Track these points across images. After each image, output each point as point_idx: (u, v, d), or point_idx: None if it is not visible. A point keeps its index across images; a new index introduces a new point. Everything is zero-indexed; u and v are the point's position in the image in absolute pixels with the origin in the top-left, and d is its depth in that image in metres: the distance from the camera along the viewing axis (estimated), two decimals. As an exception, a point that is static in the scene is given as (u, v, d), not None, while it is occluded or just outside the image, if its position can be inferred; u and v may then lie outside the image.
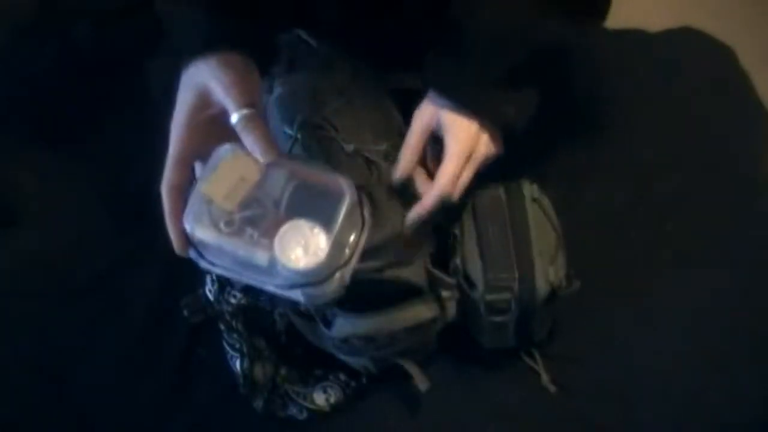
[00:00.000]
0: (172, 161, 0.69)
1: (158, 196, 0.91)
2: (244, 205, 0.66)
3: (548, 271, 0.83)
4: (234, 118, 0.66)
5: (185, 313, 0.92)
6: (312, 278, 0.64)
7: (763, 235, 0.95)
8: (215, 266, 0.67)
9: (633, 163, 1.00)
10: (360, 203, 0.67)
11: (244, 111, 0.66)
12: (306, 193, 0.67)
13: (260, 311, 0.90)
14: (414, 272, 0.80)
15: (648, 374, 0.89)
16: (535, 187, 0.88)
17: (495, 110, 0.79)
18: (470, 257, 0.84)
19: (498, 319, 0.84)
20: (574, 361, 0.92)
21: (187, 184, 0.69)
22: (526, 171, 0.90)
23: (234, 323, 0.90)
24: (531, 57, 0.78)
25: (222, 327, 0.92)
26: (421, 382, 0.88)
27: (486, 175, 0.83)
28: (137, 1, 1.03)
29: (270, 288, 0.66)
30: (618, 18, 0.88)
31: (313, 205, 0.66)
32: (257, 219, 0.66)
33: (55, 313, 0.96)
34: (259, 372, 0.90)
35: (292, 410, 0.91)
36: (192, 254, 0.68)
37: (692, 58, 1.06)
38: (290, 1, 0.83)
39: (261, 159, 0.66)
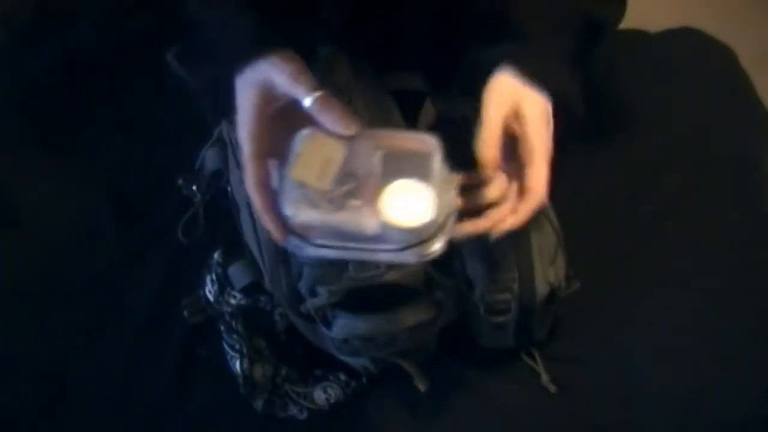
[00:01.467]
0: (251, 159, 0.68)
1: (158, 195, 0.92)
2: (339, 181, 0.66)
3: (548, 272, 0.83)
4: (308, 101, 0.66)
5: (185, 313, 0.92)
6: (425, 234, 0.65)
7: (763, 235, 0.95)
8: (322, 249, 0.66)
9: (633, 163, 1.00)
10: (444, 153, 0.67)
11: (317, 93, 0.66)
12: (395, 157, 0.67)
13: (260, 312, 0.90)
14: (413, 273, 0.80)
15: (648, 374, 0.89)
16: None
17: (569, 90, 0.75)
18: (470, 258, 0.84)
19: (498, 319, 0.84)
20: (574, 361, 0.92)
21: (268, 179, 0.68)
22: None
23: (234, 324, 0.90)
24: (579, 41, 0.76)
25: (222, 327, 0.92)
26: (421, 382, 0.88)
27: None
28: (137, 1, 1.03)
29: (383, 257, 0.67)
30: (618, 18, 0.88)
31: (405, 166, 0.66)
32: (356, 191, 0.66)
33: (55, 313, 0.96)
34: (259, 372, 0.90)
35: (292, 410, 0.91)
36: (293, 243, 0.67)
37: (692, 58, 1.06)
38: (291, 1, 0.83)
39: (344, 134, 0.66)
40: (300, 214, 0.66)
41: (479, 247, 0.84)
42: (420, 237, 0.65)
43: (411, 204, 0.65)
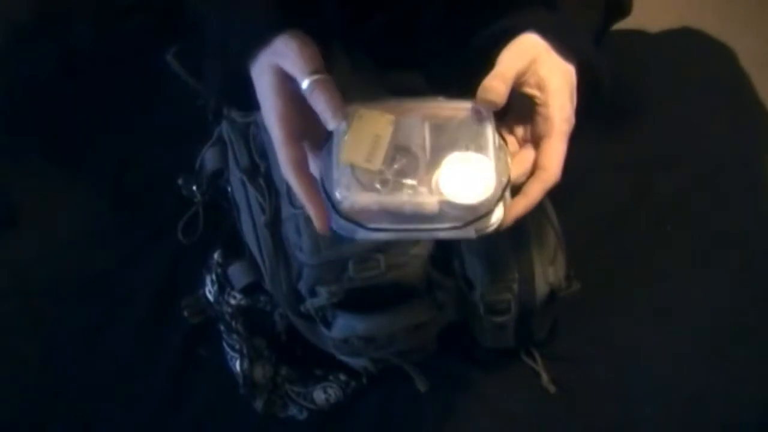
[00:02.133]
0: (283, 141, 0.64)
1: (158, 195, 0.92)
2: (390, 159, 0.62)
3: (548, 272, 0.83)
4: (304, 84, 0.64)
5: (185, 314, 0.92)
6: (485, 209, 0.61)
7: (763, 235, 0.95)
8: (375, 232, 0.62)
9: (633, 163, 1.00)
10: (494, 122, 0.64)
11: (314, 77, 0.63)
12: (446, 128, 0.63)
13: (260, 312, 0.90)
14: (413, 273, 0.80)
15: (648, 374, 0.89)
16: (534, 187, 0.87)
17: (597, 61, 0.69)
18: (469, 258, 0.84)
19: (498, 319, 0.84)
20: (574, 361, 0.92)
21: (305, 161, 0.65)
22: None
23: (234, 324, 0.90)
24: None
25: (222, 328, 0.92)
26: (421, 383, 0.88)
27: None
28: (137, 1, 1.04)
29: (441, 234, 0.62)
30: (618, 18, 0.88)
31: (458, 137, 0.63)
32: (409, 169, 0.62)
33: (55, 313, 0.96)
34: (259, 372, 0.90)
35: (292, 410, 0.92)
36: (343, 226, 0.62)
37: (692, 58, 1.06)
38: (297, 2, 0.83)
39: (328, 124, 0.63)
40: (352, 198, 0.61)
41: (479, 247, 0.84)
42: (479, 212, 0.61)
43: (471, 178, 0.61)
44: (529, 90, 0.66)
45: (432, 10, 0.82)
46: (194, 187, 0.93)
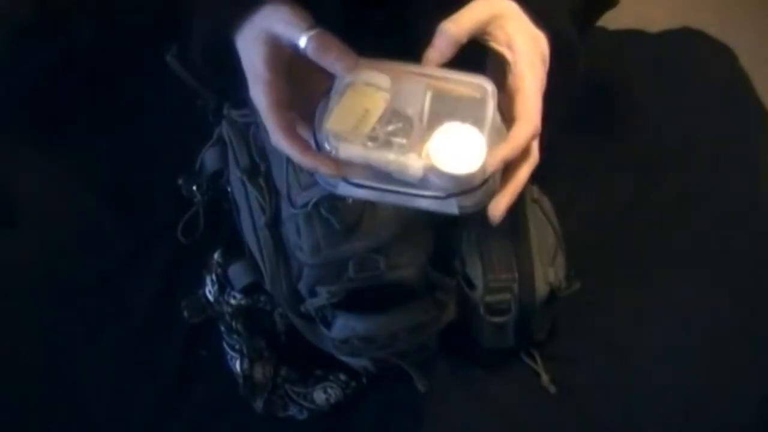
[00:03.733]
0: (271, 107, 0.64)
1: (158, 195, 0.91)
2: (385, 121, 0.62)
3: (548, 272, 0.83)
4: (302, 42, 0.62)
5: (185, 314, 0.92)
6: (469, 184, 0.61)
7: (763, 235, 0.95)
8: (356, 188, 0.62)
9: (633, 163, 1.00)
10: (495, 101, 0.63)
11: (311, 32, 0.62)
12: (447, 100, 0.63)
13: (260, 312, 0.90)
14: (413, 273, 0.80)
15: (648, 374, 0.89)
16: (534, 188, 0.88)
17: (569, 33, 0.69)
18: (470, 258, 0.84)
19: (498, 319, 0.84)
20: (574, 361, 0.92)
21: (294, 127, 0.64)
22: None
23: (234, 324, 0.90)
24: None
25: (222, 328, 0.92)
26: (421, 382, 0.88)
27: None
28: (137, 1, 1.03)
29: (421, 203, 0.62)
30: (618, 18, 0.88)
31: (457, 110, 0.62)
32: (402, 132, 0.62)
33: (55, 313, 0.96)
34: (259, 373, 0.90)
35: (292, 410, 0.92)
36: (324, 180, 0.63)
37: (692, 58, 1.06)
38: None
39: (345, 76, 0.62)
40: (342, 148, 0.61)
41: (479, 247, 0.84)
42: (464, 186, 0.61)
43: (461, 149, 0.60)
44: (497, 47, 0.66)
45: (421, 13, 0.82)
46: (194, 187, 0.93)
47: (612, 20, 0.84)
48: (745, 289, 0.91)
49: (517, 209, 0.86)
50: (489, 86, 0.63)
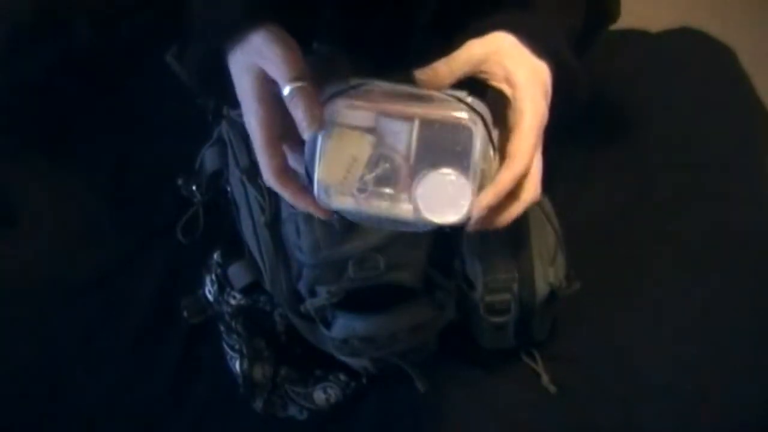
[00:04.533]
0: (264, 146, 0.65)
1: (158, 195, 0.91)
2: (372, 164, 0.64)
3: (548, 272, 0.83)
4: (285, 91, 0.63)
5: (185, 314, 0.92)
6: (458, 224, 0.63)
7: (763, 236, 0.95)
8: (353, 218, 0.66)
9: (633, 163, 1.00)
10: (487, 130, 0.63)
11: (295, 84, 0.63)
12: (432, 139, 0.63)
13: (260, 312, 0.90)
14: (413, 273, 0.80)
15: (648, 374, 0.89)
16: (534, 187, 0.87)
17: (571, 60, 0.69)
18: (470, 258, 0.84)
19: (497, 319, 0.84)
20: (574, 361, 0.92)
21: (286, 165, 0.66)
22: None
23: (233, 324, 0.90)
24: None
25: (222, 328, 0.92)
26: (421, 382, 0.88)
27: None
28: (137, 1, 1.03)
29: (411, 229, 0.65)
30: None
31: (443, 145, 0.63)
32: (390, 175, 0.64)
33: (55, 313, 0.96)
34: (259, 373, 0.90)
35: (292, 410, 0.92)
36: (330, 216, 0.66)
37: (692, 58, 1.06)
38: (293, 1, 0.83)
39: (304, 133, 0.63)
40: (334, 201, 0.64)
41: (479, 248, 0.84)
42: (453, 225, 0.63)
43: (447, 197, 0.63)
44: (497, 84, 0.66)
45: (425, 12, 0.82)
46: (194, 187, 0.93)
47: (612, 20, 0.84)
48: (746, 289, 0.91)
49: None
50: (474, 125, 0.63)
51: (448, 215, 0.63)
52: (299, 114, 0.63)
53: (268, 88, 0.65)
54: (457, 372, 0.92)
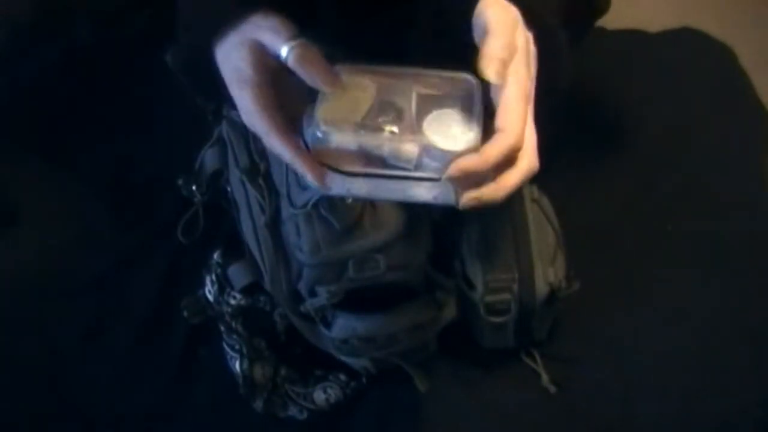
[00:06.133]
0: (261, 111, 0.64)
1: (158, 196, 0.91)
2: (375, 111, 0.63)
3: (548, 272, 0.83)
4: (284, 51, 0.62)
5: (185, 314, 0.92)
6: (465, 151, 0.60)
7: (763, 236, 0.95)
8: (352, 179, 0.62)
9: (632, 163, 1.00)
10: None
11: (293, 42, 0.62)
12: (432, 96, 0.64)
13: (260, 312, 0.90)
14: (413, 273, 0.80)
15: (648, 374, 0.89)
16: (534, 188, 0.88)
17: (556, 30, 0.68)
18: (469, 258, 0.84)
19: (497, 319, 0.84)
20: (574, 361, 0.92)
21: (287, 126, 0.64)
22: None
23: (234, 324, 0.90)
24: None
25: (222, 328, 0.92)
26: (421, 383, 0.88)
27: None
28: (137, 1, 1.03)
29: (419, 192, 0.62)
30: (618, 18, 0.88)
31: (444, 92, 0.63)
32: (393, 121, 0.62)
33: (55, 313, 0.96)
34: (259, 373, 0.90)
35: (292, 410, 0.92)
36: (324, 181, 0.62)
37: (692, 58, 1.06)
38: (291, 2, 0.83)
39: (324, 89, 0.62)
40: (334, 136, 0.61)
41: (479, 247, 0.84)
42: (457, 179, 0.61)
43: (455, 129, 0.61)
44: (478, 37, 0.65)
45: (423, 12, 0.82)
46: (194, 187, 0.93)
47: (612, 20, 0.84)
48: (746, 289, 0.91)
49: (517, 209, 0.86)
50: (474, 80, 0.63)
51: (457, 143, 0.60)
52: (309, 72, 0.62)
53: (265, 62, 0.64)
54: (457, 372, 0.92)
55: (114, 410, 0.92)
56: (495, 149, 0.60)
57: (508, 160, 0.62)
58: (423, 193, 0.63)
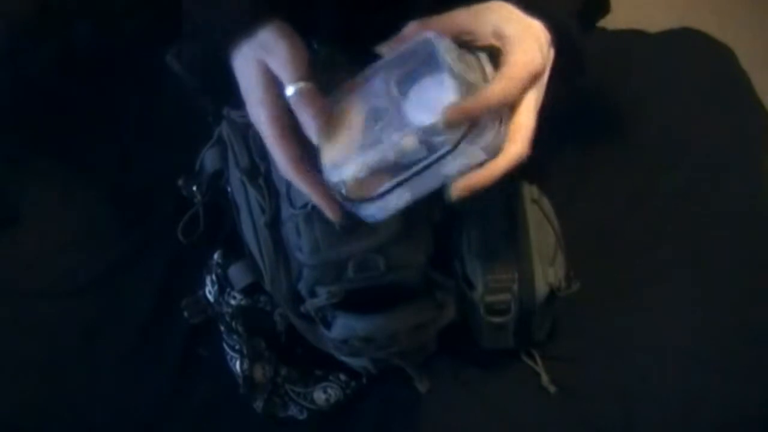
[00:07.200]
0: (277, 139, 0.64)
1: (158, 195, 0.91)
2: (369, 119, 0.63)
3: (548, 272, 0.83)
4: (289, 91, 0.63)
5: (186, 314, 0.92)
6: (459, 119, 0.59)
7: (763, 235, 0.95)
8: (383, 198, 0.62)
9: (633, 163, 1.00)
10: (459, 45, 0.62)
11: (300, 84, 0.63)
12: (407, 75, 0.63)
13: (260, 312, 0.90)
14: (413, 273, 0.80)
15: (648, 375, 0.89)
16: (534, 188, 0.88)
17: (569, 24, 0.67)
18: (469, 258, 0.84)
19: (497, 320, 0.84)
20: (574, 361, 0.92)
21: (303, 155, 0.65)
22: (526, 172, 0.89)
23: (234, 324, 0.90)
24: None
25: (222, 328, 0.92)
26: (421, 383, 0.88)
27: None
28: (137, 1, 1.03)
29: (448, 169, 0.61)
30: (618, 18, 0.88)
31: (413, 64, 0.62)
32: (387, 119, 0.62)
33: (55, 313, 0.96)
34: (259, 372, 0.90)
35: (292, 410, 0.92)
36: (364, 211, 0.64)
37: (692, 58, 1.05)
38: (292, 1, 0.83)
39: (315, 140, 0.63)
40: (346, 173, 0.62)
41: (479, 247, 0.84)
42: (459, 124, 0.59)
43: (433, 98, 0.60)
44: (484, 41, 0.65)
45: (422, 10, 0.82)
46: (194, 188, 0.93)
47: (612, 20, 0.84)
48: (746, 289, 0.91)
49: (517, 209, 0.86)
50: (431, 35, 0.62)
51: (437, 110, 0.59)
52: (304, 118, 0.63)
53: (276, 82, 0.65)
54: (457, 372, 0.92)
55: (114, 410, 0.92)
56: (490, 92, 0.60)
57: (503, 101, 0.61)
58: (454, 167, 0.62)
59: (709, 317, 0.90)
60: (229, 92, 0.69)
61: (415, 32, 0.65)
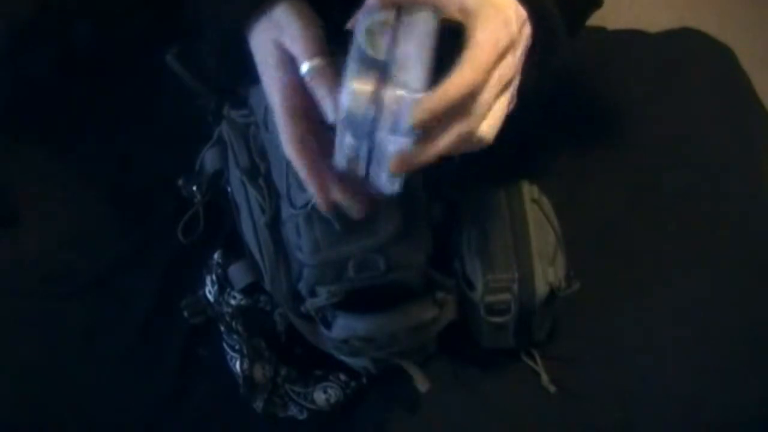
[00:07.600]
0: (286, 116, 0.64)
1: (158, 195, 0.91)
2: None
3: (548, 272, 0.83)
4: (304, 68, 0.62)
5: (185, 314, 0.92)
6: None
7: (763, 235, 0.95)
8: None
9: (633, 163, 1.00)
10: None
11: (315, 61, 0.62)
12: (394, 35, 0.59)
13: (260, 312, 0.90)
14: (413, 273, 0.80)
15: (648, 375, 0.89)
16: (534, 188, 0.88)
17: (545, 5, 0.64)
18: (469, 258, 0.84)
19: (497, 320, 0.84)
20: (574, 361, 0.92)
21: (307, 137, 0.64)
22: (526, 172, 0.90)
23: (234, 324, 0.90)
24: None
25: (222, 328, 0.92)
26: (421, 383, 0.88)
27: (485, 175, 0.83)
28: (137, 1, 1.03)
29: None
30: (618, 18, 0.88)
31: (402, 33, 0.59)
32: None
33: (55, 312, 0.96)
34: (259, 373, 0.90)
35: (292, 410, 0.92)
36: (387, 183, 0.62)
37: (692, 58, 1.05)
38: None
39: (329, 117, 0.62)
40: (353, 86, 0.57)
41: (479, 247, 0.84)
42: (427, 123, 0.57)
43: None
44: (450, 15, 0.61)
45: None
46: (194, 188, 0.93)
47: (612, 20, 0.84)
48: (746, 289, 0.91)
49: (517, 209, 0.86)
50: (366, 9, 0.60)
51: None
52: (320, 94, 0.62)
53: (288, 63, 0.65)
54: (457, 372, 0.92)
55: (114, 410, 0.92)
56: (448, 84, 0.57)
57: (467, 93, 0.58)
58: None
59: (709, 317, 0.90)
60: (247, 73, 0.68)
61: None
